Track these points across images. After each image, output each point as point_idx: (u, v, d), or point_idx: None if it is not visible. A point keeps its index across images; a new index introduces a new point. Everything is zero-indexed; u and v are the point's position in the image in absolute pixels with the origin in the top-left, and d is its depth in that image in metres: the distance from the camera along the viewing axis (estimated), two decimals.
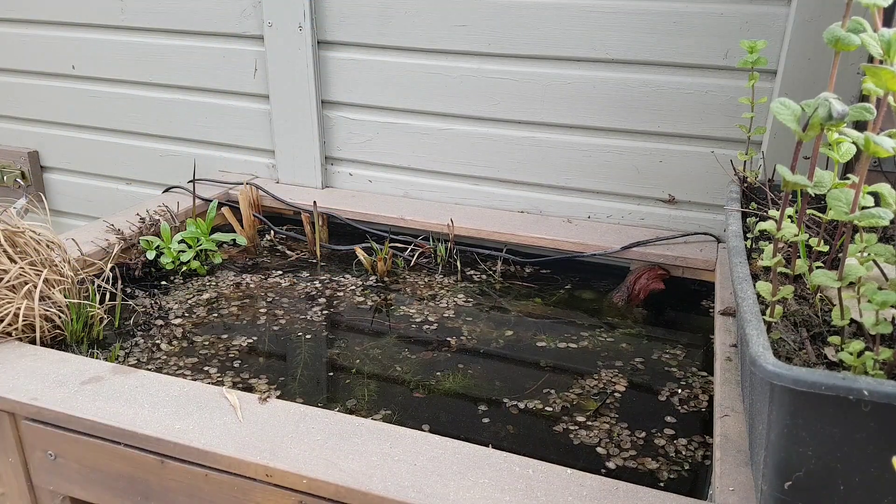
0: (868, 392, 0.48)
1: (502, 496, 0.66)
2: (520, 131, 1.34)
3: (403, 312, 1.12)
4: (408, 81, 1.38)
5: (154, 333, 1.04)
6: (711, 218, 1.28)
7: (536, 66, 1.28)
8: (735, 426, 0.74)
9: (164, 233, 1.25)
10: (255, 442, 0.74)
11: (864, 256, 0.59)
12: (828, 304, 0.67)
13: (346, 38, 1.39)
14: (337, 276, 1.24)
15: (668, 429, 0.85)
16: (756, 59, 1.00)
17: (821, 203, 0.82)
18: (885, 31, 0.57)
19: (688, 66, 1.20)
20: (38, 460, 0.85)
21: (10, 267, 0.94)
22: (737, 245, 0.74)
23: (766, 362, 0.51)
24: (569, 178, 1.34)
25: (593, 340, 1.05)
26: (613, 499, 0.66)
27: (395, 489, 0.67)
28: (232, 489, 0.75)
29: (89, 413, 0.78)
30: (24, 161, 1.78)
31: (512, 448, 0.76)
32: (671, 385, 0.94)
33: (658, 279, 1.19)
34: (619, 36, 1.21)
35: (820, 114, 0.54)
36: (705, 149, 1.24)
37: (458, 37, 1.31)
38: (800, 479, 0.54)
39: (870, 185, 0.60)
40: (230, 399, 0.80)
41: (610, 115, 1.27)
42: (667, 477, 0.77)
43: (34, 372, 0.85)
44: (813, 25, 1.08)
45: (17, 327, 0.93)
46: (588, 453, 0.81)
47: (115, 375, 0.85)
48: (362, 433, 0.75)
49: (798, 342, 0.61)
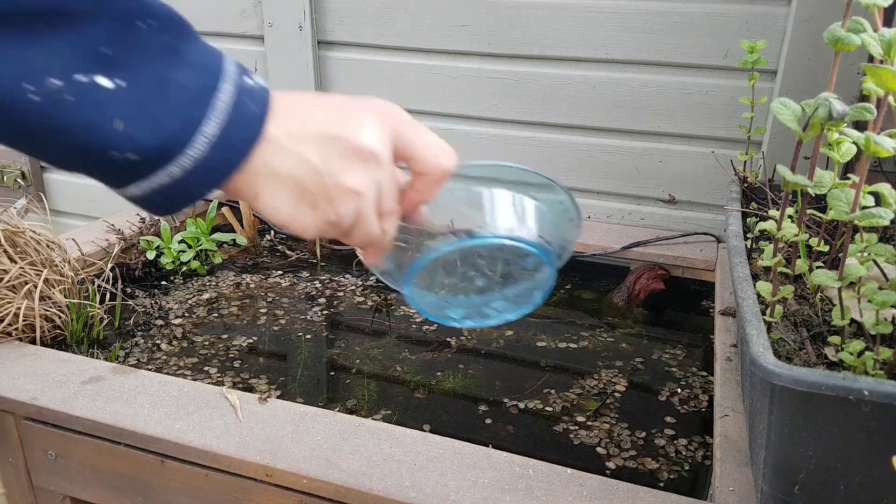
0: (868, 392, 0.48)
1: (502, 496, 0.66)
2: (520, 131, 1.34)
3: (403, 312, 1.12)
4: (408, 81, 1.38)
5: (154, 333, 1.04)
6: (711, 218, 1.28)
7: (536, 66, 1.28)
8: (735, 426, 0.74)
9: (165, 233, 1.25)
10: (255, 442, 0.74)
11: (865, 256, 0.59)
12: (828, 304, 0.67)
13: (346, 38, 1.39)
14: (337, 276, 1.24)
15: (668, 429, 0.85)
16: (756, 59, 1.00)
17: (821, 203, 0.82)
18: (886, 31, 0.57)
19: (688, 66, 1.20)
20: (38, 460, 0.85)
21: (11, 267, 0.94)
22: (737, 245, 0.74)
23: (766, 362, 0.51)
24: (569, 178, 1.34)
25: (593, 340, 1.05)
26: (614, 499, 0.66)
27: (396, 489, 0.67)
28: (232, 489, 0.75)
29: (89, 413, 0.78)
30: (24, 161, 1.78)
31: (512, 448, 0.76)
32: (671, 385, 0.94)
33: (658, 279, 1.19)
34: (620, 36, 1.21)
35: (820, 114, 0.54)
36: (705, 149, 1.24)
37: (458, 37, 1.31)
38: (800, 480, 0.54)
39: (870, 185, 0.60)
40: (230, 399, 0.80)
41: (610, 115, 1.27)
42: (667, 477, 0.77)
43: (34, 372, 0.85)
44: (813, 25, 1.08)
45: (17, 327, 0.93)
46: (588, 453, 0.81)
47: (116, 375, 0.85)
48: (362, 433, 0.75)
49: (798, 342, 0.61)
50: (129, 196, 0.44)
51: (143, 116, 0.39)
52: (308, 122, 0.44)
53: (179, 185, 0.42)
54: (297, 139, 0.44)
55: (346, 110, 0.46)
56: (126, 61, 0.39)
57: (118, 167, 0.41)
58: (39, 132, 0.38)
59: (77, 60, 0.38)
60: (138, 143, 0.40)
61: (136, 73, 0.39)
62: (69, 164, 0.42)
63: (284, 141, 0.43)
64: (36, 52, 0.37)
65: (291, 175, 0.44)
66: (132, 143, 0.40)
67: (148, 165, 0.41)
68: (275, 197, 0.44)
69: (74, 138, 0.39)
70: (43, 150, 0.40)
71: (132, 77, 0.39)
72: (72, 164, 0.42)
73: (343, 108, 0.46)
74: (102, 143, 0.39)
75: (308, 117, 0.45)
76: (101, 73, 0.38)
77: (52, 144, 0.39)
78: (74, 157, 0.41)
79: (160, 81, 0.40)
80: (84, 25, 0.38)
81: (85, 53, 0.38)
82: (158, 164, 0.41)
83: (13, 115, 0.37)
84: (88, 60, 0.38)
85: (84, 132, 0.39)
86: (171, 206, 0.44)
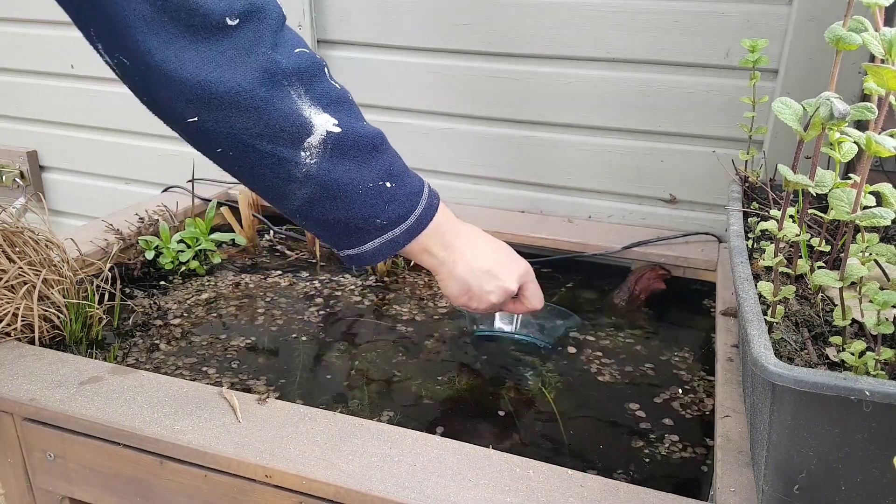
0: (870, 392, 0.48)
1: (503, 497, 0.66)
2: (520, 131, 1.34)
3: (403, 312, 1.12)
4: (408, 81, 1.37)
5: (153, 333, 1.04)
6: (713, 218, 1.28)
7: (536, 66, 1.28)
8: (736, 427, 0.73)
9: (163, 233, 1.25)
10: (254, 442, 0.73)
11: (866, 256, 0.59)
12: (829, 304, 0.67)
13: (346, 37, 1.38)
14: (336, 276, 1.24)
15: (668, 429, 0.85)
16: (757, 59, 1.00)
17: (822, 203, 0.82)
18: (887, 31, 0.57)
19: (689, 66, 1.20)
20: (37, 461, 0.85)
21: (9, 267, 0.94)
22: (738, 245, 0.74)
23: (767, 363, 0.51)
24: (569, 178, 1.34)
25: (593, 340, 1.05)
26: (614, 499, 0.66)
27: (395, 490, 0.67)
28: (231, 490, 0.74)
29: (88, 413, 0.78)
30: (22, 161, 1.78)
31: (512, 449, 0.76)
32: (672, 385, 0.94)
33: (659, 279, 1.18)
34: (620, 35, 1.21)
35: (821, 113, 0.54)
36: (706, 148, 1.24)
37: (458, 37, 1.31)
38: (801, 480, 0.53)
39: (871, 185, 0.60)
40: (229, 399, 0.80)
41: (610, 115, 1.27)
42: (667, 477, 0.77)
43: (33, 372, 0.85)
44: (814, 24, 1.07)
45: (15, 327, 0.92)
46: (588, 453, 0.80)
47: (114, 376, 0.85)
48: (362, 434, 0.75)
49: (799, 342, 0.61)
50: (361, 252, 0.76)
51: (397, 202, 0.74)
52: (483, 259, 0.85)
53: (394, 240, 0.75)
54: (476, 269, 0.84)
55: (507, 261, 0.88)
56: (395, 173, 0.74)
57: (373, 228, 0.74)
58: (349, 206, 0.71)
59: (382, 173, 0.73)
60: (390, 216, 0.74)
61: (398, 179, 0.74)
62: (342, 226, 0.74)
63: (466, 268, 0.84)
64: (368, 167, 0.71)
65: (465, 280, 0.84)
66: (388, 215, 0.74)
67: (388, 228, 0.75)
68: (447, 285, 0.85)
69: (364, 211, 0.72)
70: (335, 217, 0.73)
71: (397, 181, 0.74)
72: (343, 226, 0.74)
73: (505, 256, 0.88)
74: (377, 214, 0.73)
75: (482, 255, 0.86)
76: (388, 180, 0.73)
77: (349, 214, 0.72)
78: (354, 221, 0.73)
79: (405, 184, 0.75)
80: (384, 155, 0.74)
81: (385, 169, 0.73)
82: (392, 227, 0.75)
83: (346, 199, 0.71)
84: (385, 173, 0.73)
85: (372, 207, 0.72)
86: (383, 254, 0.76)
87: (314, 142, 0.66)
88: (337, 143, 0.67)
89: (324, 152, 0.67)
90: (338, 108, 0.68)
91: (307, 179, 0.67)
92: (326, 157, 0.67)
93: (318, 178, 0.68)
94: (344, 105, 0.69)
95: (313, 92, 0.66)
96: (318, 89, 0.67)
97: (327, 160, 0.67)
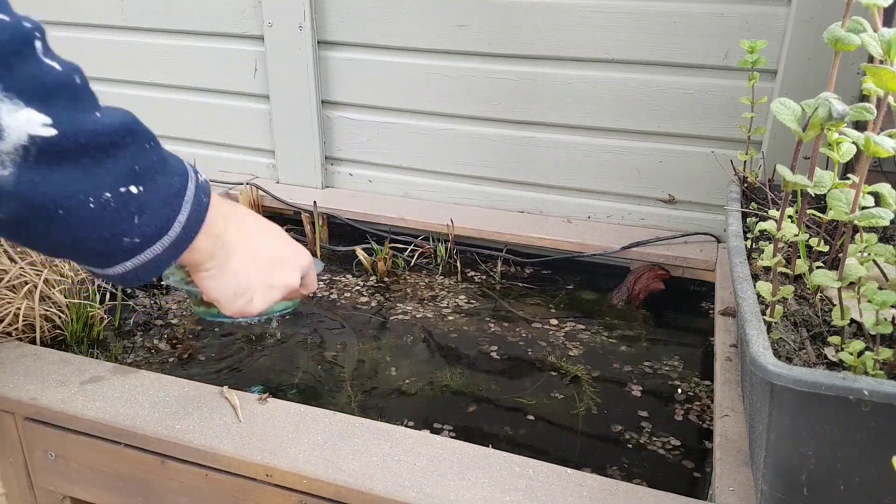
0: (868, 392, 0.48)
1: (503, 496, 0.66)
2: (520, 131, 1.34)
3: (404, 313, 1.12)
4: (408, 81, 1.38)
5: (154, 333, 1.04)
6: (711, 218, 1.28)
7: (536, 66, 1.28)
8: (735, 426, 0.74)
9: None
10: (255, 442, 0.74)
11: (865, 256, 0.59)
12: (828, 304, 0.67)
13: (346, 38, 1.39)
14: (337, 277, 1.24)
15: (667, 429, 0.85)
16: (756, 59, 1.00)
17: (821, 203, 0.82)
18: (886, 31, 0.58)
19: (688, 66, 1.20)
20: (38, 460, 0.85)
21: (10, 267, 0.94)
22: (737, 245, 0.74)
23: (766, 362, 0.51)
24: (569, 178, 1.34)
25: (594, 340, 1.05)
26: (614, 499, 0.66)
27: (396, 489, 0.67)
28: (232, 489, 0.75)
29: (90, 413, 0.78)
30: None
31: (512, 448, 0.76)
32: (671, 385, 0.94)
33: (658, 279, 1.19)
34: (619, 36, 1.21)
35: (820, 114, 0.54)
36: (705, 149, 1.24)
37: (458, 37, 1.31)
38: (800, 479, 0.54)
39: (870, 185, 0.60)
40: (230, 399, 0.80)
41: (610, 115, 1.27)
42: (667, 477, 0.77)
43: (34, 372, 0.85)
44: (813, 25, 1.08)
45: (17, 327, 0.93)
46: (588, 453, 0.81)
47: (116, 375, 0.85)
48: (362, 433, 0.75)
49: (798, 342, 0.61)
50: (110, 273, 0.57)
51: (150, 211, 0.55)
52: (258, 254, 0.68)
53: (156, 259, 0.57)
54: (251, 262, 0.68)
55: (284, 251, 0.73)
56: (143, 172, 0.54)
57: (120, 251, 0.55)
58: (76, 228, 0.52)
59: (123, 177, 0.53)
60: (143, 231, 0.55)
61: (149, 181, 0.55)
62: (71, 251, 0.54)
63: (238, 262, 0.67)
64: (100, 174, 0.52)
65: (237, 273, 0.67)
66: (140, 230, 0.55)
67: (142, 247, 0.56)
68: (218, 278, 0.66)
69: (101, 231, 0.53)
70: (58, 241, 0.53)
71: (147, 183, 0.55)
72: (72, 252, 0.55)
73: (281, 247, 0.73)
74: (122, 232, 0.54)
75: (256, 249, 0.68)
76: (133, 184, 0.54)
77: (77, 237, 0.53)
78: (87, 245, 0.54)
79: (159, 185, 0.56)
80: (126, 151, 0.53)
81: (128, 171, 0.53)
82: (148, 245, 0.56)
83: (70, 219, 0.51)
84: (128, 176, 0.53)
85: (112, 226, 0.53)
86: (142, 278, 0.58)
87: (5, 148, 0.48)
88: (48, 147, 0.50)
89: (25, 161, 0.49)
90: (54, 99, 0.50)
91: (2, 197, 0.50)
92: (30, 166, 0.49)
93: (20, 194, 0.49)
94: (64, 93, 0.51)
95: (10, 79, 0.48)
96: (19, 75, 0.48)
97: (31, 170, 0.49)
